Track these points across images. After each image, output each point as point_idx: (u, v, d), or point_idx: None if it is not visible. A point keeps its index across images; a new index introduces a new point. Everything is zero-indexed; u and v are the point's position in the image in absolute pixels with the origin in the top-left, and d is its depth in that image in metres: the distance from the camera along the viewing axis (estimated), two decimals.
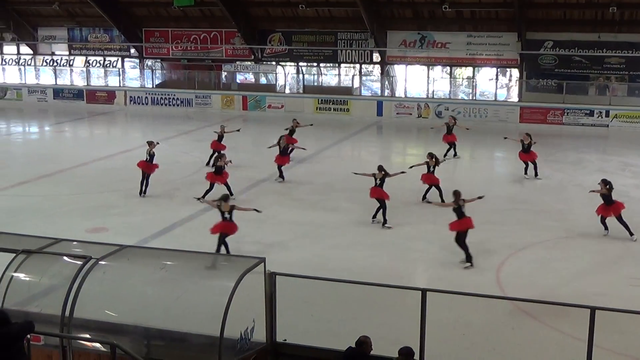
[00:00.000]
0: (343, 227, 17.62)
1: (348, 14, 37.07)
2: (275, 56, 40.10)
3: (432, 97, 37.26)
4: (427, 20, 36.53)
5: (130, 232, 16.63)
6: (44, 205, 19.44)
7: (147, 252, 11.49)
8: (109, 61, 43.71)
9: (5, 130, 35.63)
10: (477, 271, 14.46)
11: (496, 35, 35.69)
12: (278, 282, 9.69)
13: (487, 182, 22.58)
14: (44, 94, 42.64)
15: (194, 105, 39.45)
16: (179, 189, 21.04)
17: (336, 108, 37.08)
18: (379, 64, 38.48)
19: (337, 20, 37.92)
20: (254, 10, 38.77)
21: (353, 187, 21.34)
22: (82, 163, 24.67)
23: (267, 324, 9.81)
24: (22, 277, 9.77)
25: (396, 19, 37.00)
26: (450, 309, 10.89)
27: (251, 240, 16.16)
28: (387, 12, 36.82)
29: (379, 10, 36.48)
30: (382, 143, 32.49)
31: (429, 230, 17.33)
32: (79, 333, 9.40)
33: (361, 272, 13.68)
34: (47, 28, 43.88)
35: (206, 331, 9.03)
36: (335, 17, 37.83)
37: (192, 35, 40.96)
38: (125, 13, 40.65)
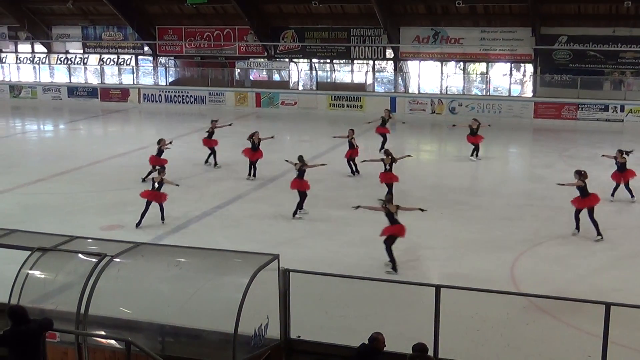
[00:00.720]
0: (357, 223, 17.59)
1: (361, 10, 37.01)
2: (288, 53, 40.10)
3: (446, 93, 37.16)
4: (440, 16, 36.43)
5: (144, 230, 16.70)
6: (59, 203, 19.54)
7: (162, 250, 11.53)
8: (122, 59, 43.86)
9: (20, 128, 35.86)
10: (492, 267, 14.42)
11: (510, 31, 35.54)
12: (292, 279, 9.69)
13: (502, 178, 22.53)
14: (59, 92, 42.85)
15: (208, 103, 39.53)
16: (193, 186, 21.08)
17: (349, 104, 37.05)
18: (392, 60, 38.42)
19: (350, 16, 37.87)
20: (266, 7, 38.78)
21: (366, 183, 21.35)
22: (96, 161, 24.78)
23: (281, 321, 9.82)
24: (37, 275, 9.81)
25: (409, 15, 36.90)
26: (464, 305, 10.86)
27: (265, 237, 16.18)
28: (400, 8, 36.72)
29: (392, 6, 36.39)
30: (396, 139, 32.39)
31: (443, 226, 17.29)
32: (94, 330, 9.45)
33: (375, 269, 13.68)
34: (61, 26, 44.07)
35: (220, 328, 9.06)
36: (348, 14, 37.78)
37: (205, 32, 41.03)
38: (138, 11, 40.77)
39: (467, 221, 17.75)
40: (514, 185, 21.68)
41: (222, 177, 22.32)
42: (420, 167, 25.43)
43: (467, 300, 10.64)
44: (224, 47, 40.92)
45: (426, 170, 22.98)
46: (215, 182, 21.55)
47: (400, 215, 14.58)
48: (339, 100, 37.37)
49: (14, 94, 43.54)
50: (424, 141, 28.12)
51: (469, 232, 16.79)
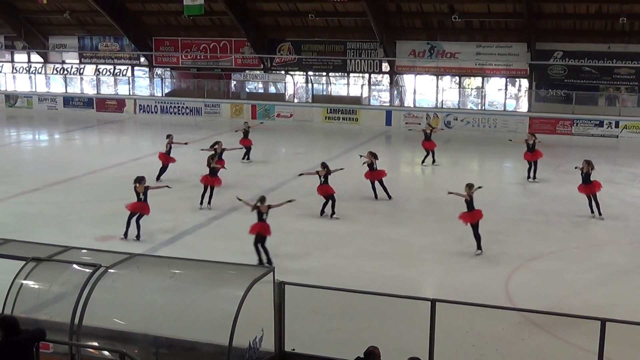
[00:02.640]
0: (352, 236, 17.60)
1: (357, 23, 37.15)
2: (285, 65, 40.18)
3: (441, 107, 37.26)
4: (436, 30, 36.58)
5: (139, 240, 16.65)
6: (54, 213, 19.49)
7: (157, 261, 11.48)
8: (119, 70, 43.89)
9: (15, 137, 35.80)
10: (487, 282, 14.41)
11: (505, 46, 35.71)
12: (287, 292, 9.67)
13: (497, 192, 22.52)
14: (54, 102, 42.84)
15: (204, 114, 39.57)
16: (188, 197, 21.05)
17: (345, 117, 37.11)
18: (388, 74, 38.53)
19: (347, 30, 38.01)
20: (263, 19, 38.89)
21: (361, 196, 21.35)
22: (92, 171, 24.73)
23: (276, 334, 9.79)
24: (31, 285, 9.78)
25: (405, 29, 37.04)
26: (459, 320, 10.84)
27: None
28: (397, 22, 36.88)
29: (389, 20, 36.54)
30: (391, 153, 32.46)
31: (438, 240, 17.29)
32: (88, 341, 9.41)
33: (370, 282, 13.66)
34: (58, 37, 44.11)
35: (215, 340, 9.03)
36: (345, 27, 37.92)
37: (201, 44, 41.10)
38: (135, 22, 40.85)
39: (463, 235, 17.71)
40: (509, 199, 21.70)
41: (217, 189, 22.26)
42: (415, 180, 25.48)
43: (462, 315, 10.62)
44: (220, 59, 40.99)
45: (421, 184, 22.97)
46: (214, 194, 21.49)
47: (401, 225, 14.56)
48: (334, 113, 37.44)
49: (10, 103, 43.51)
50: (419, 154, 28.12)
51: (464, 247, 16.77)
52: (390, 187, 20.49)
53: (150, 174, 21.05)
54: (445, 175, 25.20)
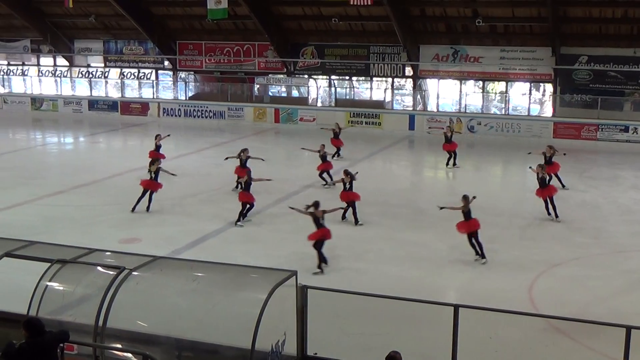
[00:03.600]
0: (374, 241, 17.58)
1: (381, 27, 37.12)
2: (308, 69, 40.23)
3: (465, 112, 37.11)
4: (460, 35, 36.45)
5: (162, 243, 16.74)
6: (79, 215, 19.65)
7: (180, 264, 11.54)
8: (143, 73, 44.17)
9: (41, 140, 36.15)
10: (510, 287, 14.33)
11: (530, 50, 35.47)
12: (309, 295, 9.67)
13: (521, 197, 22.41)
14: (79, 105, 43.20)
15: (227, 118, 39.69)
16: (211, 201, 21.14)
17: (368, 122, 37.07)
18: (412, 78, 38.43)
19: (370, 34, 37.98)
20: (287, 23, 38.97)
21: (384, 201, 21.32)
22: (116, 174, 24.91)
23: (298, 337, 9.80)
24: (56, 287, 9.87)
25: (429, 33, 36.96)
26: (482, 325, 10.78)
27: (282, 253, 16.18)
28: (420, 26, 36.80)
29: (412, 24, 36.47)
30: (414, 157, 32.42)
31: (460, 245, 17.19)
32: (112, 343, 9.47)
33: (392, 286, 13.63)
34: (83, 40, 44.48)
35: (237, 343, 9.05)
36: (368, 31, 37.89)
37: (225, 48, 41.26)
38: (159, 26, 41.10)
39: (485, 240, 17.63)
40: (533, 205, 21.52)
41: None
42: (438, 185, 25.40)
43: (485, 321, 10.56)
44: (243, 63, 41.11)
45: (444, 189, 22.86)
46: (234, 197, 21.55)
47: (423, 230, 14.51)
48: (357, 117, 37.40)
49: (36, 106, 43.93)
50: (442, 159, 28.05)
51: (487, 252, 16.68)
52: (413, 191, 20.44)
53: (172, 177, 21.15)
54: (468, 180, 25.09)
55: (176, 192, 21.04)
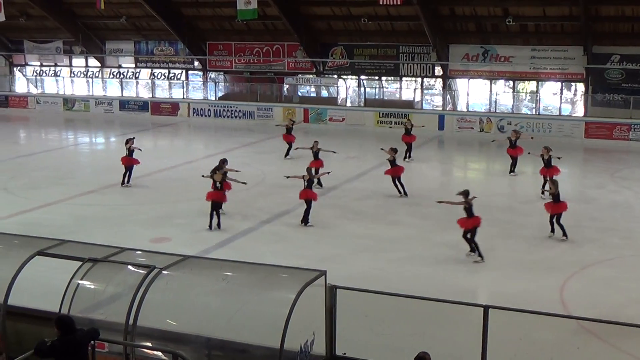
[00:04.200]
0: (404, 241, 17.53)
1: (410, 27, 36.98)
2: (337, 69, 40.22)
3: (495, 111, 36.86)
4: (490, 34, 36.21)
5: (192, 243, 16.84)
6: (110, 215, 19.84)
7: (209, 263, 11.59)
8: (173, 74, 44.46)
9: (72, 140, 36.53)
10: (541, 288, 14.20)
11: (561, 49, 35.12)
12: (338, 295, 9.66)
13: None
14: (111, 106, 43.61)
15: (256, 118, 39.81)
16: (241, 201, 21.21)
17: (397, 121, 36.94)
18: (441, 78, 38.27)
19: (399, 33, 37.87)
20: (316, 23, 38.99)
21: (414, 201, 21.26)
22: (146, 174, 25.07)
23: (327, 337, 9.78)
24: (88, 285, 9.96)
25: (459, 33, 36.76)
26: (513, 327, 10.70)
27: (312, 253, 16.19)
28: (450, 25, 36.62)
29: (442, 23, 36.31)
30: (443, 157, 32.26)
31: (491, 245, 17.10)
32: (142, 341, 9.53)
33: (421, 287, 13.58)
34: (115, 41, 44.89)
35: (266, 343, 9.06)
36: (397, 31, 37.78)
37: (255, 48, 41.38)
38: (190, 26, 41.33)
39: (515, 241, 17.54)
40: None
41: (270, 192, 22.43)
42: (468, 185, 25.20)
43: (516, 322, 10.47)
44: (273, 63, 41.20)
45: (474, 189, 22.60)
46: (263, 197, 21.66)
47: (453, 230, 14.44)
48: (387, 117, 37.32)
49: (68, 106, 44.42)
50: (472, 159, 27.88)
51: (517, 252, 16.60)
52: (442, 191, 20.30)
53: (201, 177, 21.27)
54: (498, 180, 24.95)
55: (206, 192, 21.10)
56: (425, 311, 11.22)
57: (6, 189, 22.77)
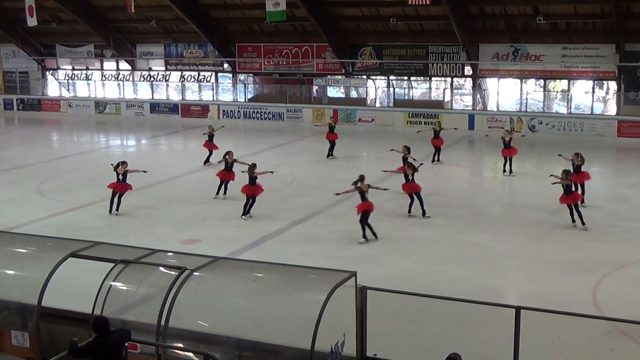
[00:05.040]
0: (433, 242, 17.46)
1: (439, 27, 36.84)
2: (366, 70, 40.18)
3: (525, 111, 36.57)
4: (520, 33, 35.95)
5: (223, 244, 16.91)
6: (141, 216, 20.00)
7: (240, 264, 11.62)
8: (203, 76, 44.73)
9: (104, 143, 36.86)
10: (574, 289, 14.06)
11: (592, 47, 34.76)
12: (369, 296, 9.65)
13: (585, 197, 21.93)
14: (141, 108, 43.98)
15: (286, 119, 39.89)
16: (270, 202, 21.26)
17: (427, 122, 36.78)
18: (471, 77, 38.06)
19: (429, 33, 37.73)
20: (345, 24, 38.99)
21: (445, 202, 21.16)
22: (176, 175, 25.27)
23: (358, 338, 9.77)
24: (120, 286, 10.04)
25: (488, 32, 36.55)
26: (545, 328, 10.60)
27: (341, 254, 16.19)
28: (480, 24, 36.41)
29: (471, 23, 36.11)
30: (474, 157, 32.07)
31: (522, 245, 16.97)
32: (174, 342, 9.59)
33: (451, 288, 13.51)
34: (145, 44, 45.27)
35: (297, 344, 9.07)
36: (427, 31, 37.65)
37: (284, 50, 41.49)
38: (219, 29, 41.55)
39: (547, 241, 17.39)
40: (597, 205, 21.10)
41: (299, 193, 22.46)
42: (498, 185, 25.08)
43: (548, 323, 10.37)
44: (302, 64, 41.28)
45: (503, 188, 22.59)
46: (292, 198, 21.69)
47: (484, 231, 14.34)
48: (416, 118, 37.19)
49: (99, 109, 44.87)
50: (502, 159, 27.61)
51: (548, 253, 16.44)
52: (473, 192, 20.19)
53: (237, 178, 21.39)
54: (530, 180, 24.72)
55: (236, 193, 21.20)
56: (456, 312, 11.15)
57: (39, 192, 23.07)
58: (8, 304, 10.77)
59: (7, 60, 48.88)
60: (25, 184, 24.09)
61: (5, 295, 10.89)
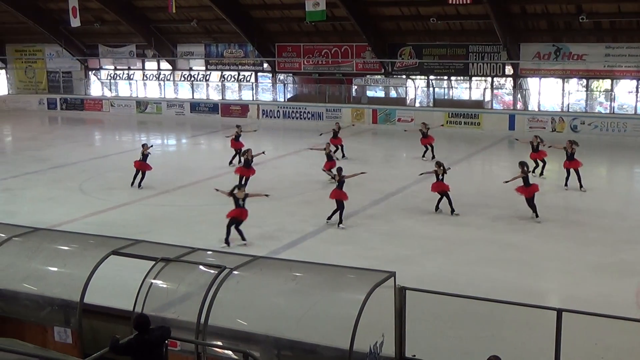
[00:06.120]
0: (474, 242, 17.33)
1: (480, 26, 36.55)
2: (406, 70, 40.03)
3: (567, 111, 36.12)
4: (562, 32, 35.51)
5: (262, 243, 16.99)
6: (181, 215, 20.17)
7: (278, 264, 11.66)
8: (243, 76, 44.96)
9: (145, 142, 37.17)
10: (616, 292, 13.85)
11: (636, 46, 34.20)
12: (407, 297, 9.61)
13: (628, 199, 21.65)
14: (182, 108, 44.36)
15: (325, 119, 39.89)
16: (308, 202, 21.31)
17: (467, 122, 36.58)
18: (512, 77, 37.71)
19: (469, 33, 37.47)
20: (384, 24, 38.89)
21: (484, 202, 21.00)
22: (215, 175, 25.43)
23: (396, 339, 9.74)
24: (160, 284, 10.14)
25: (530, 31, 36.17)
26: (586, 331, 10.46)
27: (380, 254, 16.15)
28: (521, 23, 36.06)
29: (512, 22, 35.76)
30: (514, 157, 31.69)
31: (565, 247, 16.77)
32: (213, 340, 9.66)
33: (491, 289, 13.39)
34: (186, 44, 45.65)
35: (336, 344, 9.06)
36: (467, 30, 37.39)
37: (323, 49, 41.52)
38: (259, 29, 41.73)
39: (590, 243, 17.15)
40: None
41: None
42: (541, 186, 24.77)
43: (589, 326, 10.23)
44: (341, 64, 41.26)
45: (547, 190, 22.27)
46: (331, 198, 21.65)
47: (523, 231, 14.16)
48: (456, 118, 36.96)
49: (141, 109, 45.36)
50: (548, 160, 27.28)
51: (591, 255, 16.22)
52: (514, 193, 19.90)
53: (271, 178, 21.46)
54: (572, 181, 24.38)
55: (275, 192, 21.29)
56: (496, 314, 11.06)
57: (82, 190, 23.39)
58: (51, 300, 10.94)
59: (51, 60, 49.64)
60: (68, 183, 24.46)
61: (48, 292, 11.07)
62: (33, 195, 22.63)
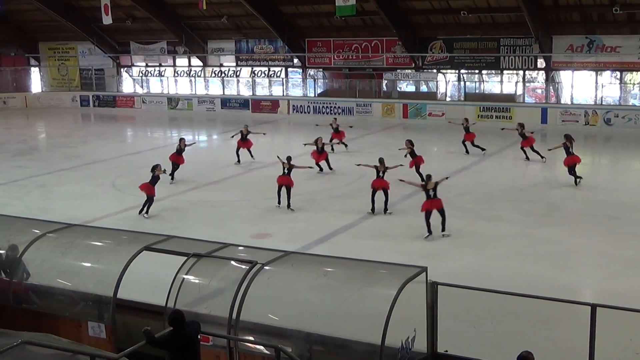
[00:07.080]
0: (505, 237, 17.20)
1: (511, 19, 36.22)
2: (436, 64, 39.81)
3: (601, 104, 35.67)
4: (595, 24, 35.06)
5: (293, 238, 17.00)
6: (212, 211, 20.26)
7: (310, 259, 11.68)
8: (273, 71, 45.03)
9: (176, 138, 37.37)
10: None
11: None
12: (439, 292, 9.57)
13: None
14: (212, 104, 44.56)
15: (355, 114, 39.85)
16: (340, 197, 21.30)
17: (498, 115, 36.28)
18: (544, 70, 37.33)
19: (500, 26, 37.14)
20: (414, 18, 38.70)
21: (515, 197, 20.85)
22: (247, 170, 25.53)
23: (428, 334, 9.70)
24: (192, 280, 10.22)
25: (562, 23, 35.76)
26: (621, 327, 10.33)
27: (412, 249, 16.10)
28: (553, 16, 35.66)
29: (544, 14, 35.38)
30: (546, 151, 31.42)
31: (598, 242, 16.58)
32: (245, 335, 9.71)
33: (524, 284, 13.27)
34: (216, 41, 45.83)
35: (367, 339, 9.07)
36: (498, 23, 37.07)
37: (353, 44, 41.43)
38: (289, 24, 41.76)
39: (624, 238, 16.93)
40: None
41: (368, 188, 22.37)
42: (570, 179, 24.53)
43: (625, 322, 10.10)
44: (371, 59, 41.15)
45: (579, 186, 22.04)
46: (362, 193, 21.63)
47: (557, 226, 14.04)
48: (487, 112, 36.68)
49: (172, 105, 45.65)
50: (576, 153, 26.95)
51: (625, 250, 16.01)
52: (546, 186, 19.79)
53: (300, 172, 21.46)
54: (606, 174, 24.15)
55: (307, 187, 21.33)
56: (529, 309, 10.97)
57: (115, 186, 23.62)
58: (85, 295, 11.08)
59: (84, 57, 50.16)
60: (101, 179, 24.70)
61: (82, 287, 11.22)
62: (67, 192, 22.89)
